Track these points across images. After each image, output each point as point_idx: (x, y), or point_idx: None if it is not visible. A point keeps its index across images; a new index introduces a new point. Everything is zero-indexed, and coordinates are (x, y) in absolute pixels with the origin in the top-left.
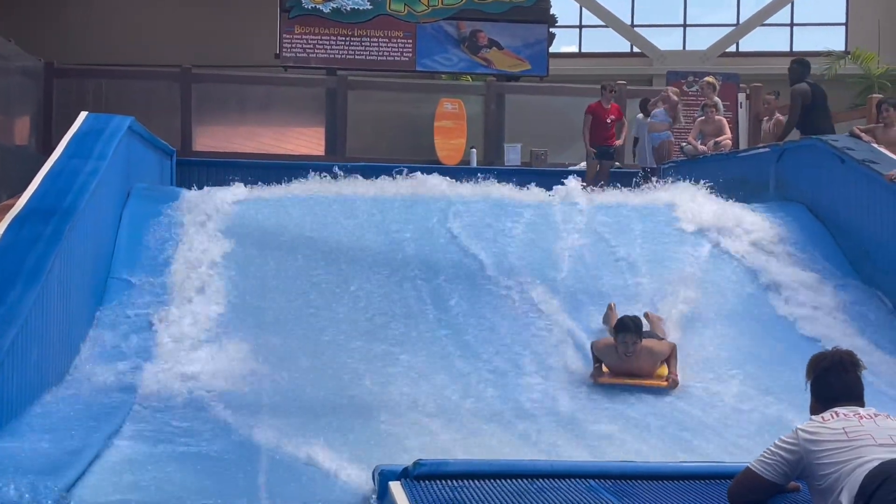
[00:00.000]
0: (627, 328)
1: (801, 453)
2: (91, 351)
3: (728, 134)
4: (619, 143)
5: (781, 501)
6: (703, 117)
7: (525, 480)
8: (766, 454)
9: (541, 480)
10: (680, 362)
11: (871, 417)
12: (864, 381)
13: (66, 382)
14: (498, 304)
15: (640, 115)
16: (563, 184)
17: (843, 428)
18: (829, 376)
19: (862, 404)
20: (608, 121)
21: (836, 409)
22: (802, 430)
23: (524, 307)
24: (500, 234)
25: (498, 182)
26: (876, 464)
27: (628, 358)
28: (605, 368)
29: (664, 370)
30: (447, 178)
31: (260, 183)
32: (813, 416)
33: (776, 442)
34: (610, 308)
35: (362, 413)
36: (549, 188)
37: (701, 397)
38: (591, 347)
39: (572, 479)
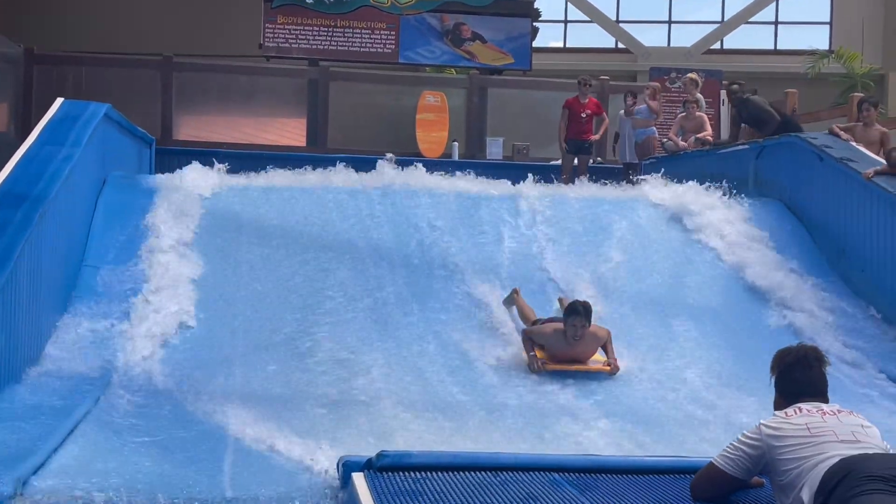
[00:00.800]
0: (577, 312)
1: (763, 449)
2: (61, 339)
3: (709, 130)
4: (594, 137)
5: (744, 497)
6: (684, 113)
7: (488, 473)
8: (728, 449)
9: (504, 473)
10: (640, 351)
11: (834, 414)
12: (832, 377)
13: (35, 370)
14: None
15: (622, 111)
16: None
17: (806, 424)
18: (794, 372)
19: (826, 400)
20: (583, 115)
21: (799, 404)
22: (765, 426)
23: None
24: (471, 228)
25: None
26: (836, 460)
27: (576, 342)
28: (539, 354)
29: (600, 357)
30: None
31: (241, 171)
32: (776, 412)
33: (739, 437)
34: (515, 292)
35: (332, 403)
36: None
37: (662, 387)
38: (527, 334)
39: (535, 472)
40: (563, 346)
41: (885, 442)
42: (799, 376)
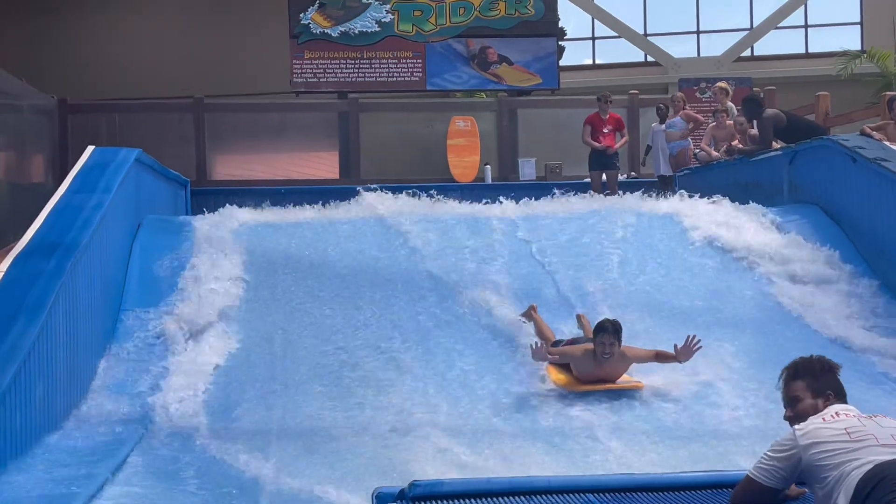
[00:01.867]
0: (606, 329)
1: (798, 455)
2: (100, 385)
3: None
4: (613, 147)
5: None
6: (714, 123)
7: (521, 497)
8: (763, 459)
9: (538, 497)
10: (693, 365)
11: (871, 418)
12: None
13: (74, 416)
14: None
15: (655, 124)
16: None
17: (846, 429)
18: (824, 373)
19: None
20: (605, 131)
21: (835, 408)
22: (799, 431)
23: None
24: (504, 251)
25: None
26: (871, 466)
27: (605, 361)
28: (562, 379)
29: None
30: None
31: (275, 207)
32: (812, 417)
33: (772, 445)
34: (532, 309)
35: (366, 436)
36: None
37: (715, 403)
38: (553, 353)
39: (570, 495)
40: (592, 366)
41: None
42: (829, 377)
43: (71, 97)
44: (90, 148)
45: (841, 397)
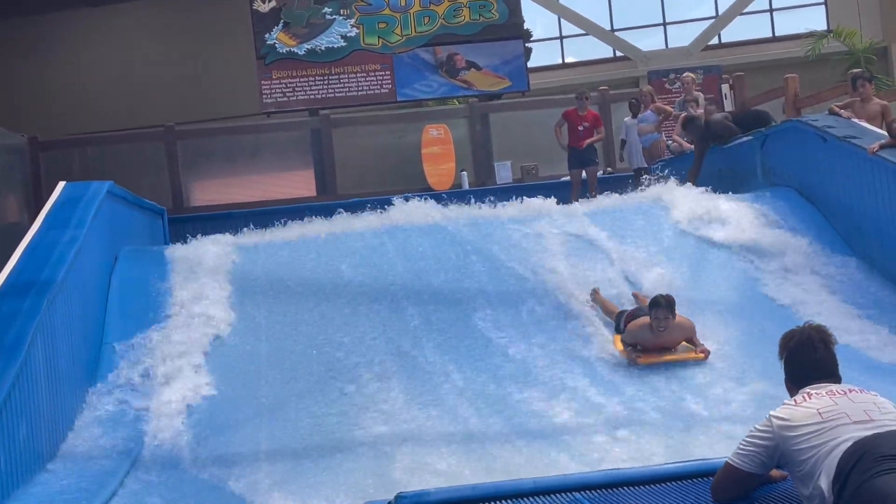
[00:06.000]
0: (659, 304)
1: (776, 440)
2: (85, 420)
3: None
4: (585, 142)
5: (767, 492)
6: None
7: (509, 501)
8: (742, 445)
9: (525, 499)
10: None
11: (844, 394)
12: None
13: (61, 454)
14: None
15: (628, 118)
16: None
17: (818, 409)
18: (799, 355)
19: (838, 380)
20: (581, 128)
21: (807, 389)
22: (775, 416)
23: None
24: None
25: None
26: (850, 443)
27: (661, 332)
28: (620, 348)
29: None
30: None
31: (254, 229)
32: (786, 401)
33: (751, 430)
34: (596, 291)
35: (354, 451)
36: None
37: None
38: (622, 337)
39: (557, 494)
40: (651, 337)
41: None
42: (805, 359)
43: (41, 134)
44: (61, 184)
45: (819, 375)
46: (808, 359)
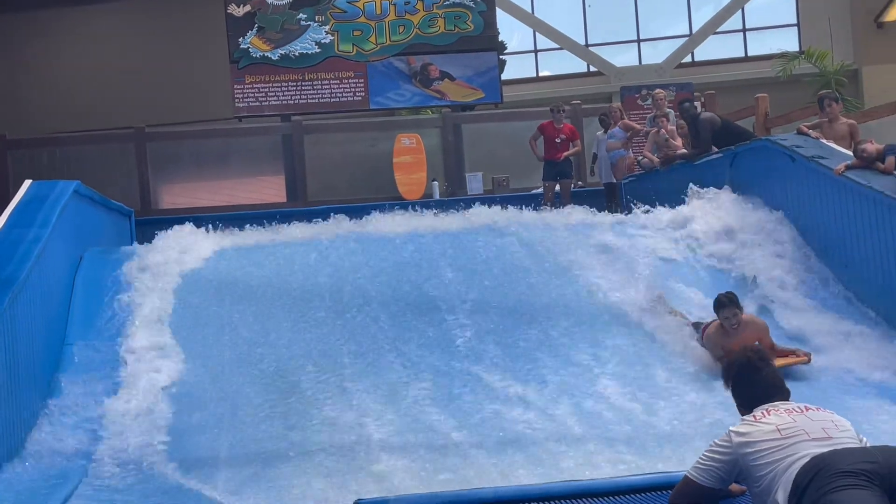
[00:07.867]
0: (723, 304)
1: (735, 455)
2: (45, 420)
3: (679, 142)
4: (560, 155)
5: None
6: (655, 129)
7: None
8: (701, 460)
9: None
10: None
11: (802, 412)
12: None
13: (20, 453)
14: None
15: (600, 132)
16: None
17: (777, 426)
18: (744, 379)
19: (787, 396)
20: (557, 140)
21: (765, 406)
22: (735, 432)
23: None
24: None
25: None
26: (808, 459)
27: (734, 331)
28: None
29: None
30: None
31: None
32: (744, 417)
33: (710, 445)
34: (659, 297)
35: (315, 457)
36: None
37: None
38: (709, 352)
39: None
40: (727, 339)
41: (859, 435)
42: (752, 380)
43: (10, 133)
44: (27, 182)
45: (769, 395)
46: (755, 379)
